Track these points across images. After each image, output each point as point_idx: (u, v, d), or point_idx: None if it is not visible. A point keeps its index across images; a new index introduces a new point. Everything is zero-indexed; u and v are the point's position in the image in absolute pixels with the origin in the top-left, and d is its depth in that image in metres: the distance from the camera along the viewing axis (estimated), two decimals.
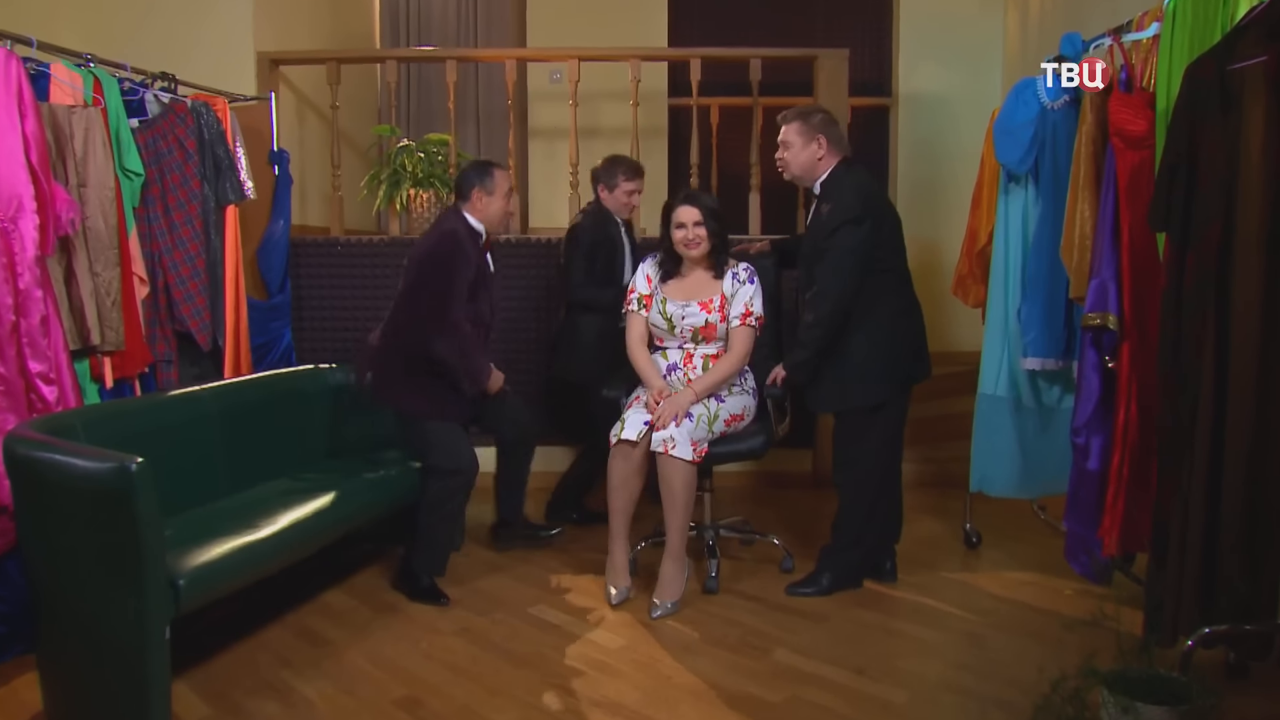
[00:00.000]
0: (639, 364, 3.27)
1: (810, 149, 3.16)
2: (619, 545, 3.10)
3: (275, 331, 4.14)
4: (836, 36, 5.81)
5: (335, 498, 3.01)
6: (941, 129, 5.75)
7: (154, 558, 2.18)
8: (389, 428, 3.57)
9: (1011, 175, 3.33)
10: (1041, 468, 3.39)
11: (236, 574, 2.54)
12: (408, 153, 4.51)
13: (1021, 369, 3.35)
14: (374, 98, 5.83)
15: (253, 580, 2.65)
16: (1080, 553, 2.96)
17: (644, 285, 3.34)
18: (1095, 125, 2.88)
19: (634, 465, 3.05)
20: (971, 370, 3.67)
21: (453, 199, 3.44)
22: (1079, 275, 2.93)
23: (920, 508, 4.18)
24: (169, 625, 2.24)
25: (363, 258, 4.45)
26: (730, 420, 3.20)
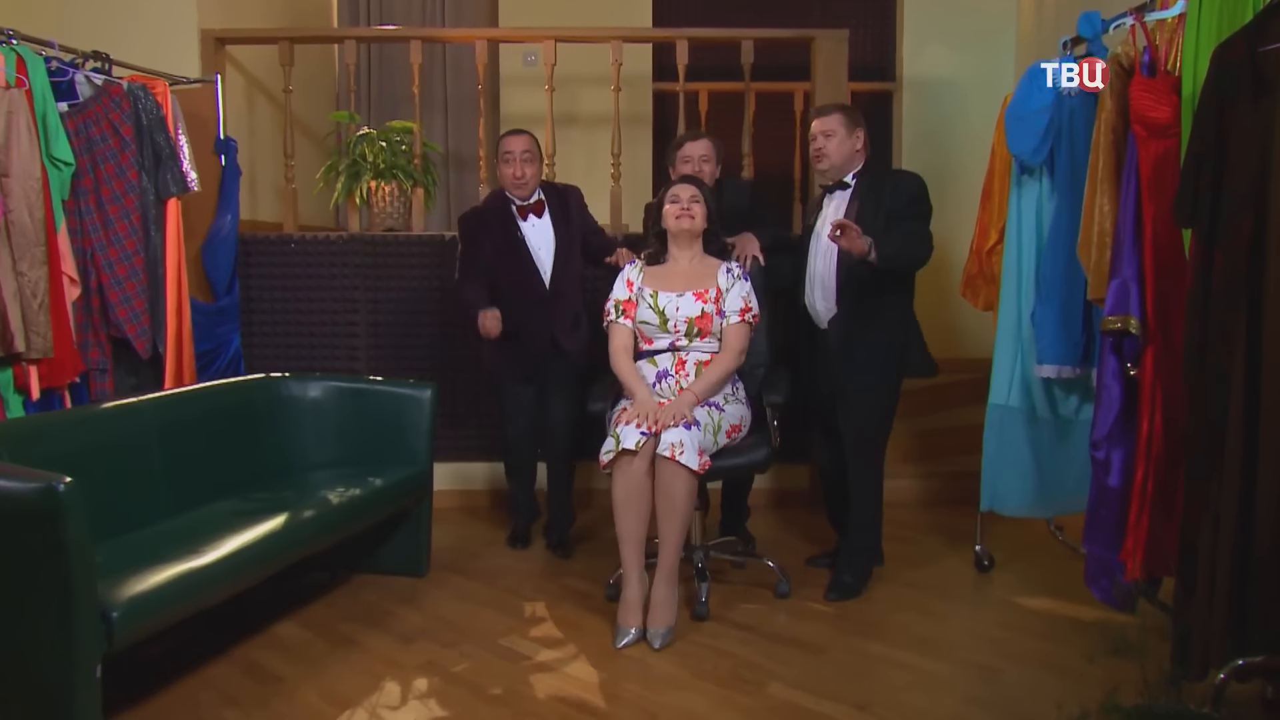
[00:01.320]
0: (623, 375, 3.28)
1: (852, 140, 3.40)
2: (634, 577, 3.04)
3: (222, 337, 4.11)
4: (835, 16, 5.83)
5: (288, 520, 2.98)
6: (949, 116, 5.77)
7: (84, 588, 2.14)
8: (349, 443, 3.59)
9: (1025, 167, 3.34)
10: (1058, 484, 3.39)
11: (177, 604, 2.50)
12: (368, 142, 4.49)
13: (1036, 377, 3.35)
14: (331, 81, 5.80)
15: (195, 611, 2.61)
16: (1101, 577, 2.96)
17: (624, 291, 3.36)
18: (1115, 112, 2.88)
19: (639, 479, 3.00)
20: (981, 378, 3.67)
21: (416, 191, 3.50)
22: (1098, 275, 2.93)
23: (926, 528, 4.18)
24: (101, 662, 2.20)
25: (319, 256, 4.43)
26: (730, 431, 3.22)
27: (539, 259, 3.73)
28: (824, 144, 3.40)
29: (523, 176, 3.69)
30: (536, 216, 3.74)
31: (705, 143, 3.72)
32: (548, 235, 3.76)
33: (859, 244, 3.12)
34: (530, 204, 3.74)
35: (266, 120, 4.98)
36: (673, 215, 3.32)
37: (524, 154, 3.70)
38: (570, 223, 3.78)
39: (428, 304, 4.45)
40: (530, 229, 3.74)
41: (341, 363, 4.43)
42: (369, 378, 3.97)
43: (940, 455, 4.74)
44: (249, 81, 4.84)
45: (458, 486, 4.53)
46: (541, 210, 3.76)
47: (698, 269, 3.35)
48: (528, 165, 3.71)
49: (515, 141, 3.72)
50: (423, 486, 3.56)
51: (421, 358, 4.46)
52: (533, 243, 3.73)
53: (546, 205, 3.77)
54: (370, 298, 4.43)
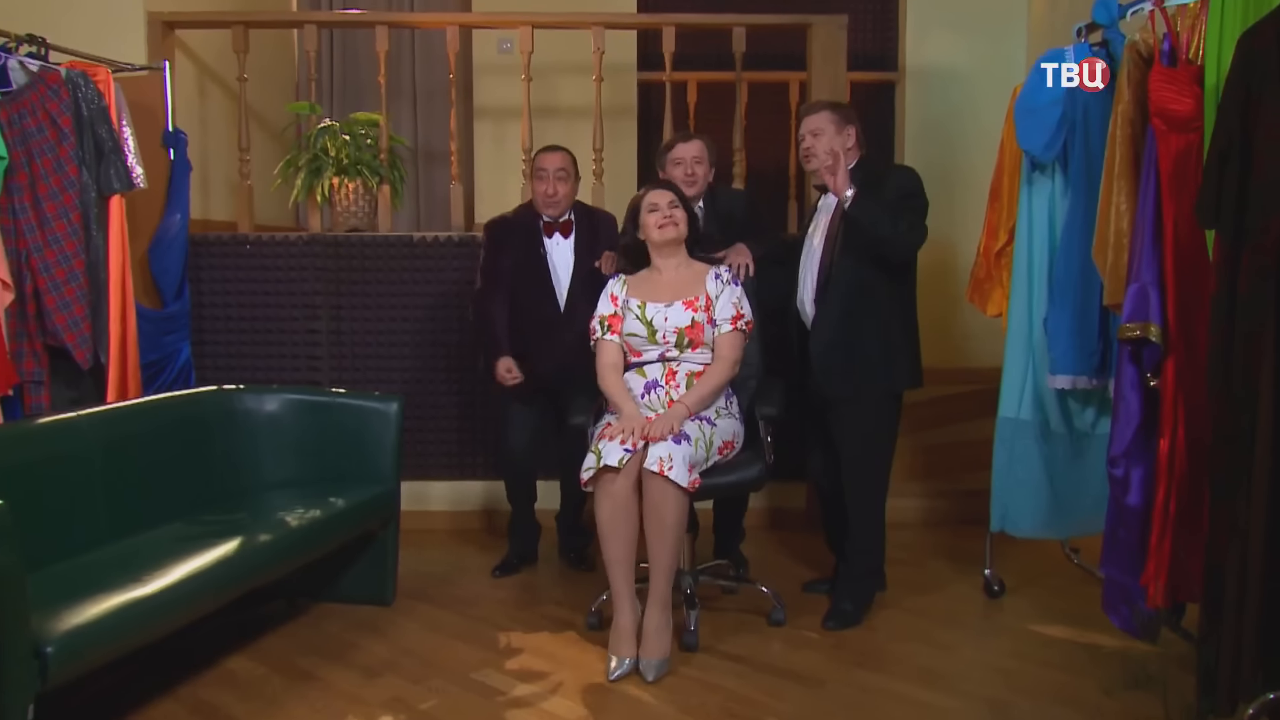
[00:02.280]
0: (610, 389, 3.29)
1: (843, 138, 3.40)
2: (625, 604, 3.03)
3: (170, 346, 4.09)
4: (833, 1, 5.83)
5: (242, 545, 2.96)
6: (955, 109, 5.79)
7: (14, 620, 2.11)
8: (309, 461, 3.58)
9: (1036, 163, 3.34)
10: (1073, 504, 3.38)
11: (118, 638, 2.47)
12: (330, 135, 4.47)
13: (1049, 388, 3.35)
14: (290, 69, 5.78)
15: (139, 646, 2.58)
16: (1120, 604, 2.95)
17: (608, 306, 3.37)
18: (1133, 104, 2.88)
19: (624, 498, 3.00)
20: (990, 390, 3.67)
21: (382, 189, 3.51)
22: (1115, 279, 2.93)
23: (932, 550, 4.18)
24: (33, 702, 2.16)
25: (277, 259, 4.41)
26: (723, 448, 3.21)
27: (557, 279, 3.81)
28: (813, 144, 3.42)
29: (555, 194, 3.77)
30: (563, 236, 3.83)
31: (698, 144, 3.74)
32: (569, 257, 3.83)
33: (840, 183, 3.19)
34: (559, 222, 3.82)
35: (219, 111, 4.95)
36: (655, 225, 3.31)
37: (559, 171, 3.78)
38: (595, 248, 3.81)
39: (395, 310, 4.44)
40: (554, 247, 3.83)
41: (301, 374, 4.41)
42: (331, 390, 3.96)
43: (946, 472, 4.73)
44: (200, 69, 4.82)
45: (446, 508, 4.55)
46: (569, 231, 3.84)
47: (685, 276, 3.35)
48: (561, 183, 3.78)
49: (550, 159, 3.80)
50: (389, 507, 3.55)
51: (389, 368, 4.45)
52: (554, 261, 3.82)
53: (575, 227, 3.84)
54: (333, 303, 4.42)
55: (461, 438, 4.52)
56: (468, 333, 4.37)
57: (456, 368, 4.46)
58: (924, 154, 5.80)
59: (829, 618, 3.38)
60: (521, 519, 4.03)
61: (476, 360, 4.13)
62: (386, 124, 4.57)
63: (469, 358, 4.41)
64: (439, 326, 4.45)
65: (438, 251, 4.44)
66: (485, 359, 3.86)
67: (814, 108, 3.51)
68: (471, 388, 4.46)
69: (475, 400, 4.47)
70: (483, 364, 3.91)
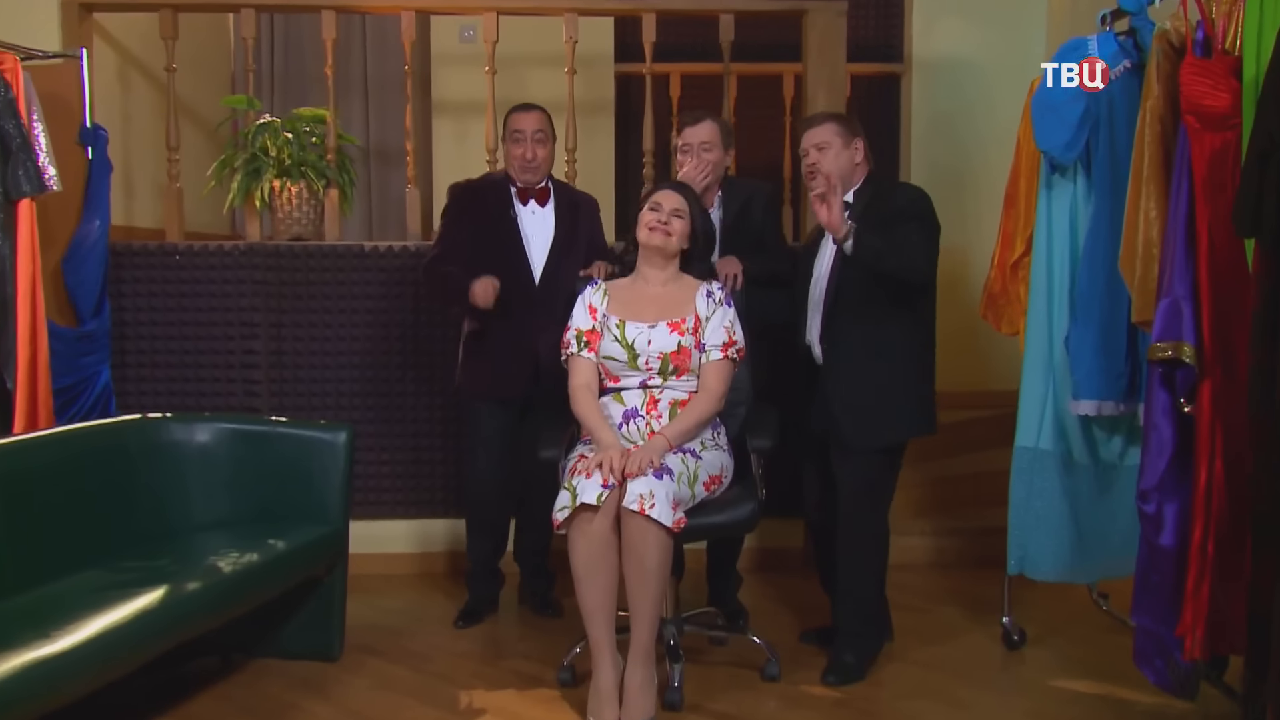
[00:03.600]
0: (584, 414, 3.26)
1: (850, 152, 3.44)
2: (605, 660, 3.00)
3: (88, 369, 4.06)
4: None
5: (168, 594, 2.91)
6: (967, 104, 5.81)
7: None
8: (245, 498, 3.54)
9: (1056, 164, 3.35)
10: (1100, 543, 3.39)
11: (24, 701, 2.41)
12: (271, 132, 4.45)
13: (1071, 414, 3.35)
14: (225, 58, 5.75)
15: (49, 709, 2.51)
16: (1154, 656, 2.94)
17: (585, 319, 3.34)
18: (1164, 100, 2.89)
19: (602, 540, 2.97)
20: (1006, 416, 3.67)
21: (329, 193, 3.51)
22: (1144, 293, 2.93)
23: (943, 595, 4.18)
24: None
25: (210, 271, 4.38)
26: (709, 483, 3.19)
27: (530, 250, 3.80)
28: (818, 159, 3.41)
29: (534, 158, 3.78)
30: (539, 204, 3.83)
31: (709, 126, 3.71)
32: (546, 226, 3.82)
33: (835, 218, 3.14)
34: (534, 189, 3.83)
35: (145, 105, 4.92)
36: (645, 224, 3.29)
37: (536, 134, 3.79)
38: (575, 224, 3.84)
39: (344, 328, 4.41)
40: (528, 215, 3.82)
41: (237, 400, 4.38)
42: (270, 418, 3.94)
43: (959, 508, 4.73)
44: (122, 57, 4.79)
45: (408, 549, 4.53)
46: (545, 199, 3.84)
47: (673, 293, 3.33)
48: (540, 146, 3.79)
49: (527, 119, 3.80)
50: (335, 550, 3.51)
51: (337, 393, 4.42)
52: (526, 230, 3.81)
53: (552, 196, 3.85)
54: (273, 321, 4.38)
55: (421, 470, 4.48)
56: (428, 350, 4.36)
57: (414, 392, 4.43)
58: (932, 155, 5.83)
59: (829, 672, 3.36)
60: (484, 559, 3.99)
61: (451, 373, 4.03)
62: (334, 120, 4.55)
63: (428, 379, 4.39)
64: (394, 347, 4.42)
65: (392, 263, 4.42)
66: (458, 302, 3.74)
67: (816, 120, 3.53)
68: (432, 414, 4.44)
69: (436, 429, 4.45)
70: (453, 301, 3.81)
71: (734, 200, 3.76)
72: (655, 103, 4.69)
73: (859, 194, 3.44)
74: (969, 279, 5.34)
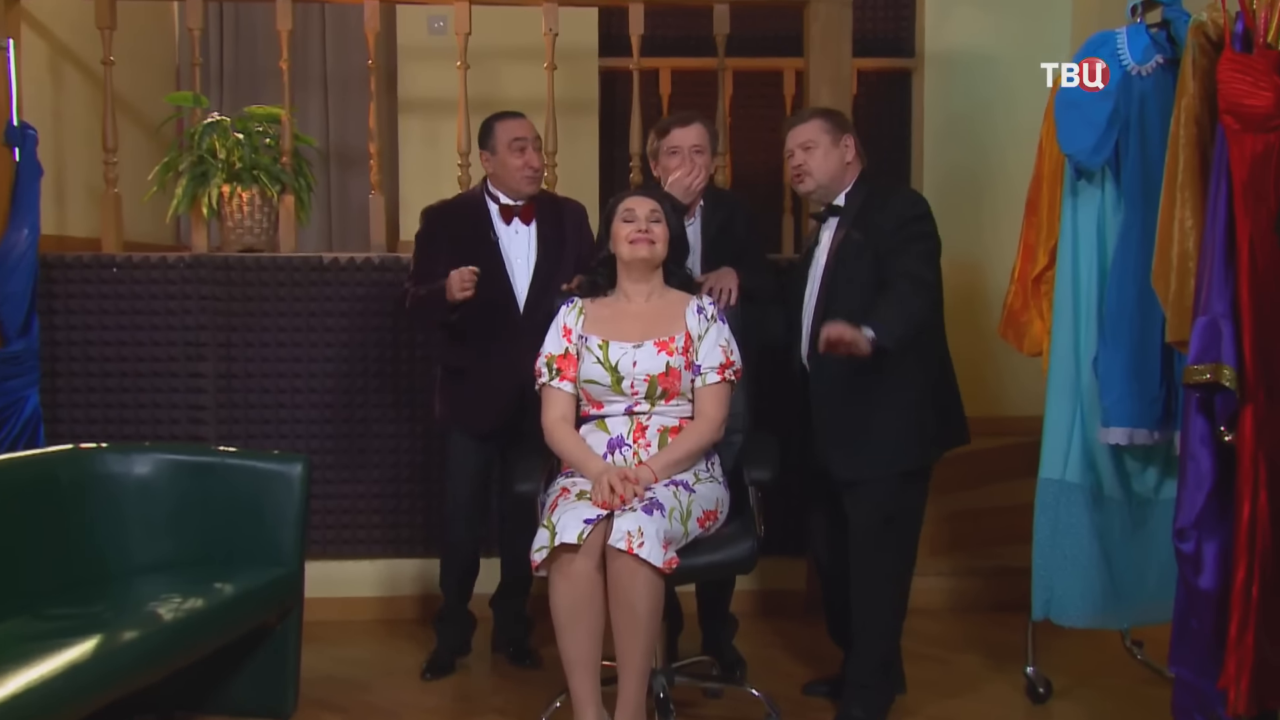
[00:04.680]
0: (565, 447, 3.26)
1: (839, 150, 3.45)
2: (588, 716, 2.99)
3: (14, 393, 4.05)
4: None
5: (101, 645, 2.87)
6: (984, 102, 5.83)
7: None
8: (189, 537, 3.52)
9: (1082, 169, 3.36)
10: (1134, 586, 3.38)
11: None
12: (220, 133, 4.45)
13: (1101, 444, 3.35)
14: (169, 51, 5.75)
15: None
16: (1194, 710, 2.92)
17: (558, 343, 3.34)
18: (1200, 99, 2.90)
19: (586, 583, 2.95)
20: (1030, 444, 3.68)
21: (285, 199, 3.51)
22: (1179, 310, 2.94)
23: (961, 643, 4.17)
24: None
25: (152, 285, 4.37)
26: (704, 519, 3.17)
27: (513, 274, 3.81)
28: (804, 160, 3.44)
29: (540, 168, 3.82)
30: (522, 222, 3.85)
31: (698, 129, 3.72)
32: (529, 247, 3.83)
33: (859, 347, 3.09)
34: (518, 205, 3.84)
35: (79, 102, 4.92)
36: (625, 238, 3.29)
37: (536, 140, 3.82)
38: (561, 240, 3.85)
39: (301, 349, 4.41)
40: (510, 235, 3.84)
41: (181, 428, 4.37)
42: (218, 448, 3.92)
43: (978, 545, 4.73)
44: (54, 49, 4.78)
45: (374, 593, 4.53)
46: (530, 216, 3.85)
47: (659, 309, 3.33)
48: (538, 155, 3.82)
49: (524, 125, 3.82)
50: (289, 594, 3.49)
51: (292, 420, 4.41)
52: (509, 253, 3.82)
53: (536, 213, 3.85)
54: (222, 340, 4.38)
55: (386, 506, 4.47)
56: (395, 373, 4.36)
57: (379, 419, 4.43)
58: (946, 159, 5.85)
59: None
60: (457, 603, 3.99)
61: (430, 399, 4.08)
62: (290, 120, 4.55)
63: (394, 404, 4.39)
64: (356, 369, 4.41)
65: (354, 277, 4.41)
66: (442, 311, 3.67)
67: (801, 117, 3.55)
68: (399, 444, 4.43)
69: (404, 459, 4.44)
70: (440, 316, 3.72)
71: (716, 212, 3.77)
72: (643, 102, 4.70)
73: (850, 196, 3.46)
74: (987, 295, 5.36)
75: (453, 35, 4.58)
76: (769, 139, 5.71)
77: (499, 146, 3.79)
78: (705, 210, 3.75)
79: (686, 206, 3.59)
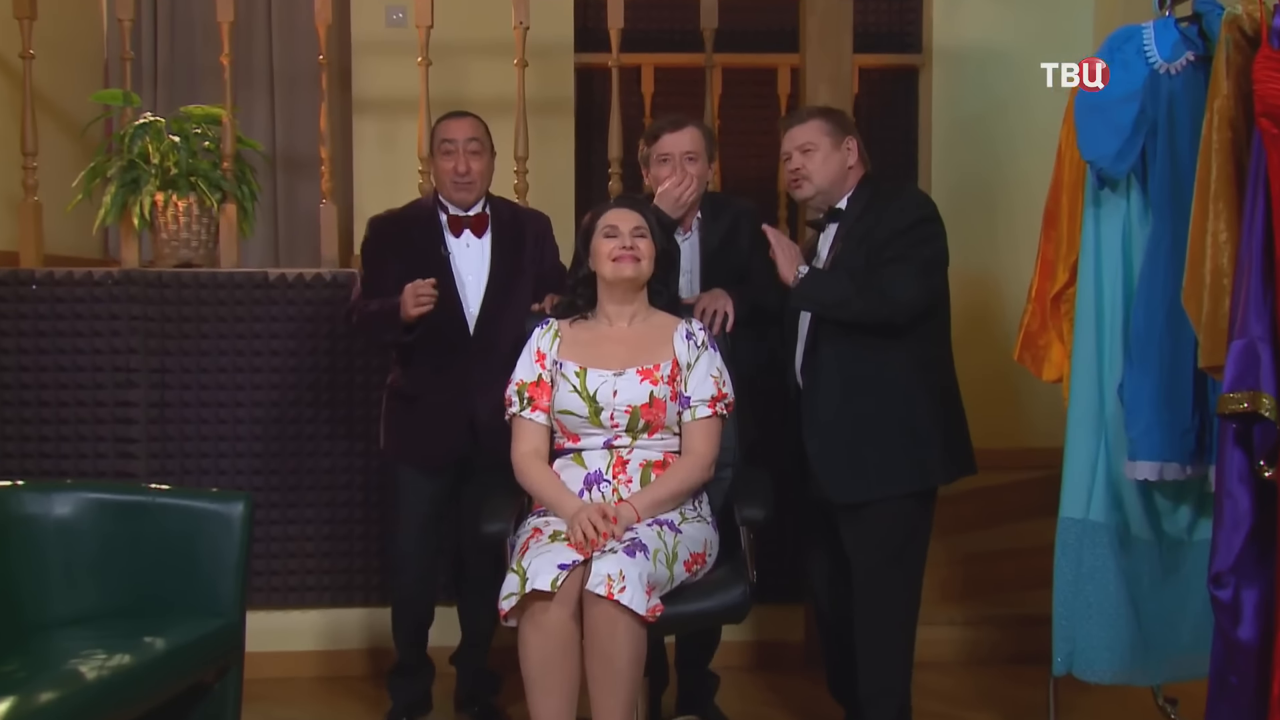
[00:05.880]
0: (537, 484, 3.25)
1: (841, 154, 3.48)
2: None
3: None
4: None
5: (15, 709, 2.82)
6: (998, 103, 5.86)
7: None
8: (116, 585, 3.48)
9: (1105, 177, 3.36)
10: (1166, 637, 3.38)
11: None
12: (153, 135, 4.44)
13: (1128, 479, 3.35)
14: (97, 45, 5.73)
15: None
16: None
17: (530, 369, 3.33)
18: (1234, 99, 2.91)
19: (561, 634, 2.93)
20: (1049, 479, 3.68)
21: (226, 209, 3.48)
22: (1213, 332, 2.95)
23: (975, 700, 4.18)
24: None
25: (77, 303, 4.35)
26: (691, 562, 3.16)
27: (465, 293, 3.81)
28: (802, 163, 3.46)
29: (468, 172, 3.78)
30: (474, 235, 3.83)
31: (691, 133, 3.73)
32: (482, 261, 3.83)
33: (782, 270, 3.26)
34: (469, 216, 3.83)
35: None
36: (607, 255, 3.27)
37: (470, 143, 3.78)
38: (519, 252, 3.84)
39: (244, 375, 4.39)
40: (461, 249, 3.83)
41: (108, 463, 4.35)
42: (149, 486, 3.86)
43: (992, 591, 4.74)
44: None
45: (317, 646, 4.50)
46: (482, 228, 3.84)
47: (643, 333, 3.32)
48: (474, 158, 3.79)
49: (458, 126, 3.80)
50: (228, 648, 3.45)
51: (233, 454, 4.39)
52: (459, 268, 3.82)
53: (491, 224, 3.85)
54: (155, 366, 4.36)
55: (336, 549, 4.45)
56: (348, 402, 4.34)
57: (328, 453, 4.41)
58: (956, 164, 5.87)
59: None
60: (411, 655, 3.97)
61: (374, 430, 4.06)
62: (232, 121, 4.55)
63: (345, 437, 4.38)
64: (304, 398, 4.40)
65: (303, 295, 4.40)
66: (394, 329, 3.67)
67: (799, 117, 3.57)
68: (350, 480, 4.42)
69: (355, 498, 4.42)
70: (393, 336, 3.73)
71: (718, 222, 3.77)
72: (624, 102, 4.70)
73: (853, 202, 3.47)
74: (1002, 314, 5.37)
75: (413, 28, 4.58)
76: (762, 143, 5.75)
77: (433, 150, 3.86)
78: (704, 221, 3.75)
79: (677, 221, 3.59)
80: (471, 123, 3.82)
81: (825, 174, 3.45)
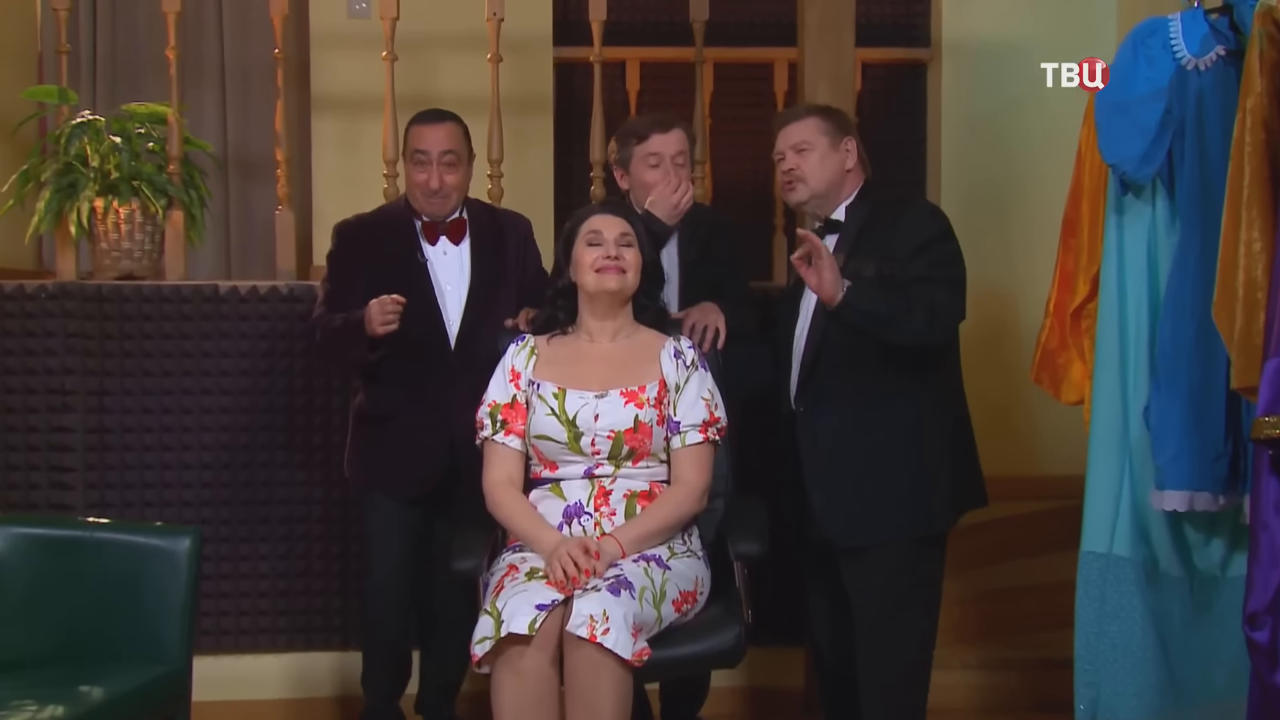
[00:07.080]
0: (511, 516, 3.25)
1: (839, 155, 3.49)
2: None
3: None
4: None
5: None
6: (1013, 102, 5.88)
7: None
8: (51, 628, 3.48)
9: (1129, 182, 3.38)
10: (1198, 681, 3.38)
11: None
12: (92, 135, 4.43)
13: (1155, 510, 3.36)
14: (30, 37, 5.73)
15: None
16: None
17: (504, 390, 3.33)
18: (1268, 98, 2.93)
19: (539, 681, 2.93)
20: (1070, 509, 3.70)
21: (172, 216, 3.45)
22: (1246, 350, 2.95)
23: None
24: None
25: (7, 318, 4.35)
26: (681, 601, 3.16)
27: (445, 304, 3.81)
28: (796, 164, 3.46)
29: (441, 187, 3.78)
30: (451, 242, 3.85)
31: (679, 135, 3.76)
32: (461, 270, 3.83)
33: (827, 285, 3.15)
34: (445, 223, 3.83)
35: None
36: (590, 266, 3.27)
37: (445, 155, 3.76)
38: (501, 258, 3.85)
39: (192, 396, 4.38)
40: (438, 257, 3.84)
41: (41, 494, 4.34)
42: (87, 520, 3.88)
43: (1009, 632, 4.74)
44: None
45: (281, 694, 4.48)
46: (460, 234, 3.85)
47: (627, 351, 3.32)
48: (449, 172, 3.78)
49: (431, 134, 3.78)
50: (174, 697, 3.45)
51: (180, 484, 4.38)
52: (438, 277, 3.83)
53: (469, 230, 3.86)
54: (94, 387, 4.34)
55: (295, 587, 4.44)
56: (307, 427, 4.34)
57: (287, 482, 4.39)
58: (967, 167, 5.88)
59: None
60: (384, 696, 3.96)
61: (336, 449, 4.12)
62: (179, 120, 4.54)
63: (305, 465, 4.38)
64: (259, 421, 4.40)
65: (257, 309, 4.40)
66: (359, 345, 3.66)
67: (795, 114, 3.59)
68: (310, 512, 4.40)
69: (315, 531, 4.40)
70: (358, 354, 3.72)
71: (696, 233, 3.80)
72: (607, 99, 4.71)
73: (852, 210, 3.48)
74: (1017, 331, 5.38)
75: (377, 20, 4.60)
76: (756, 143, 5.72)
77: (405, 153, 3.86)
78: (682, 231, 3.75)
79: (671, 229, 3.59)
80: (448, 132, 3.79)
81: (821, 176, 3.45)
